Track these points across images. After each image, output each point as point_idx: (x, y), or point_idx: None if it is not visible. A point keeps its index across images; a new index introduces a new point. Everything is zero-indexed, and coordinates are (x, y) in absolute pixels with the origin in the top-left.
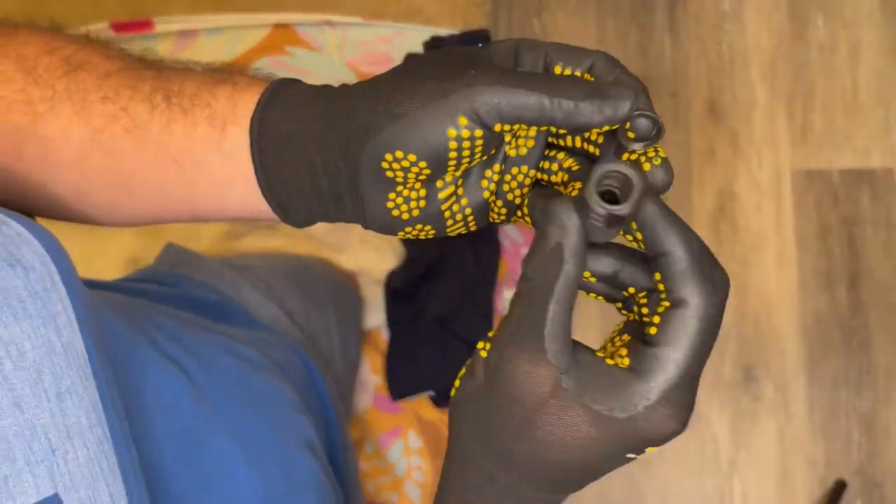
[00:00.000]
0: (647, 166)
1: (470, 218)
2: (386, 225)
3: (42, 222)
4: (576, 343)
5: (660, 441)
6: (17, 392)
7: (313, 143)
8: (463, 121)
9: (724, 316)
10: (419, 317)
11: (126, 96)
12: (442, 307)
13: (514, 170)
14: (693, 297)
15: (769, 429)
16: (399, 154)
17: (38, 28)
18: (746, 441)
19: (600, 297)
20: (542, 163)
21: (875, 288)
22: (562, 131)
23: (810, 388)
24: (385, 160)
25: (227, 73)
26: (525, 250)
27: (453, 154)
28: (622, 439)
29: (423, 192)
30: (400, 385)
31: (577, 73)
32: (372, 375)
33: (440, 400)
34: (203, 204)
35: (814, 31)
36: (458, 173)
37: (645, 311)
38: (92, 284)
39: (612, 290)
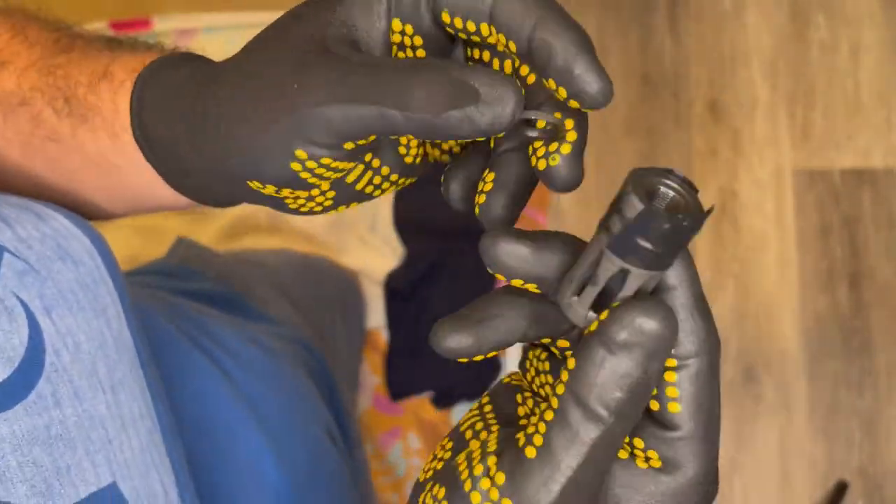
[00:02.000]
0: (541, 163)
1: (401, 181)
2: (300, 216)
3: None
4: None
5: None
6: (76, 383)
7: (186, 154)
8: (301, 153)
9: (726, 316)
10: (419, 317)
11: (38, 100)
12: (442, 307)
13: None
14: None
15: (770, 429)
16: (257, 184)
17: None
18: (747, 441)
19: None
20: None
21: (876, 288)
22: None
23: (811, 388)
24: (250, 186)
25: (109, 59)
26: None
27: (313, 180)
28: None
29: (325, 186)
30: (400, 385)
31: (471, 26)
32: (371, 376)
33: (440, 400)
34: (144, 202)
35: (815, 31)
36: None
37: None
38: None
39: None
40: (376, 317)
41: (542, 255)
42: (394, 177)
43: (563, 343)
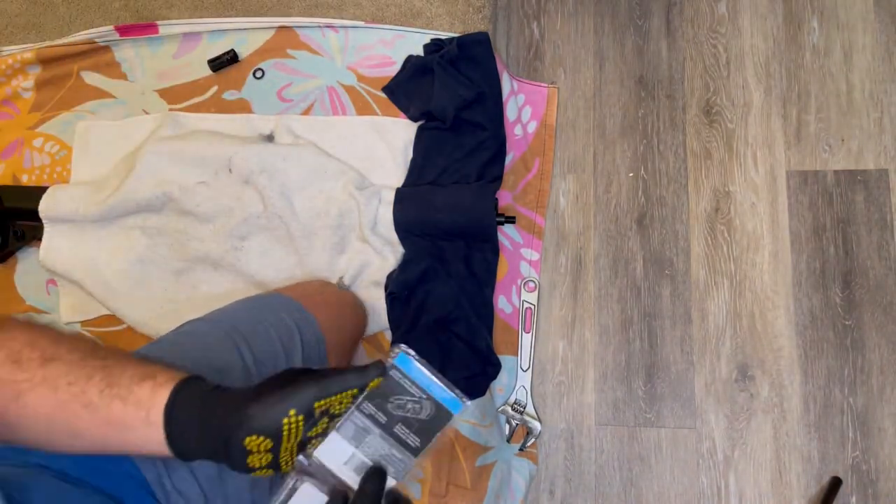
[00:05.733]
0: None
1: (291, 462)
2: (245, 471)
3: None
4: None
5: None
6: None
7: (202, 431)
8: (292, 412)
9: (721, 315)
10: (419, 317)
11: (83, 382)
12: (441, 308)
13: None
14: None
15: (764, 426)
16: (254, 437)
17: (20, 322)
18: (742, 438)
19: None
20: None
21: (868, 287)
22: (354, 391)
23: (805, 385)
24: (246, 440)
25: (152, 368)
26: (525, 251)
27: (286, 430)
28: None
29: (269, 457)
30: None
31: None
32: None
33: None
34: (127, 449)
35: (809, 34)
36: (292, 445)
37: None
38: None
39: None
40: (377, 317)
41: None
42: (292, 463)
43: None
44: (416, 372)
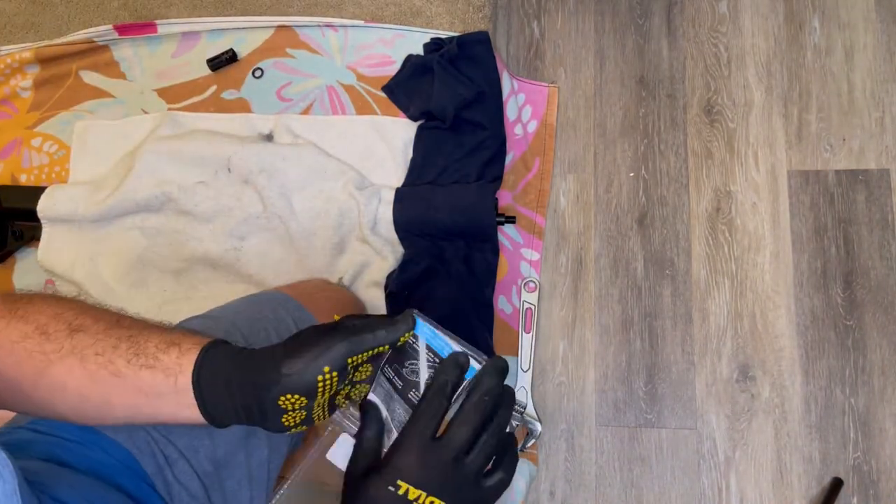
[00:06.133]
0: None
1: (326, 413)
2: (279, 430)
3: None
4: None
5: None
6: None
7: (233, 394)
8: (326, 369)
9: (721, 315)
10: None
11: (110, 352)
12: (441, 308)
13: (360, 387)
14: None
15: (765, 427)
16: (288, 395)
17: (46, 296)
18: (743, 439)
19: None
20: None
21: (870, 287)
22: (385, 348)
23: (806, 386)
24: (280, 399)
25: (177, 335)
26: (525, 251)
27: (320, 387)
28: None
29: (303, 414)
30: None
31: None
32: None
33: None
34: (160, 418)
35: (810, 34)
36: (325, 399)
37: None
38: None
39: None
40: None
41: None
42: (326, 415)
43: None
44: (429, 336)
